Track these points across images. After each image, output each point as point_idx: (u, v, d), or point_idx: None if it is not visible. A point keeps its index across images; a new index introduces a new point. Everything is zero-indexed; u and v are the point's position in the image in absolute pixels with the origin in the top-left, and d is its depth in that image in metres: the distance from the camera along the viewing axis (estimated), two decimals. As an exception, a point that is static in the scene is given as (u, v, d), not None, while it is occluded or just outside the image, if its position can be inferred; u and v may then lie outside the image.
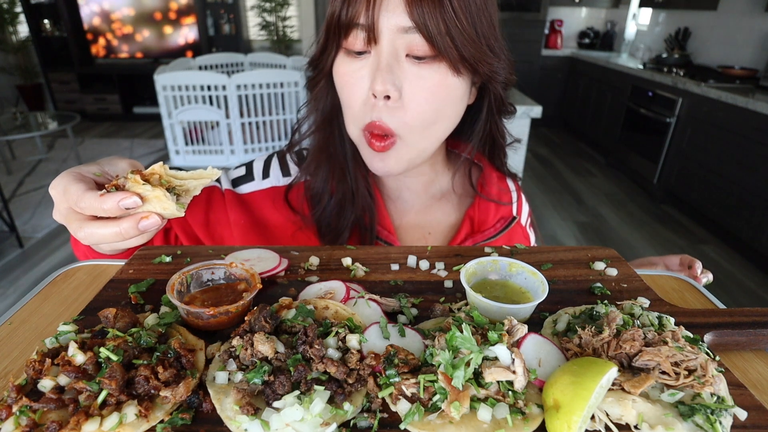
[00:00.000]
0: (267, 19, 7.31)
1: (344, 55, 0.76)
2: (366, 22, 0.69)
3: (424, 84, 0.73)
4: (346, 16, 0.70)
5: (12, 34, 7.16)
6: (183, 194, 0.59)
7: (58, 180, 0.57)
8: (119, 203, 0.52)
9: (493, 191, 0.98)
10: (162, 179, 0.56)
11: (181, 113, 5.05)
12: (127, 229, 0.54)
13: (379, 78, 0.70)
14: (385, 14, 0.68)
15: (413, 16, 0.67)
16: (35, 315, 0.65)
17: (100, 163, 0.62)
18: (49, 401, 0.44)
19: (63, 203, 0.56)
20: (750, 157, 3.70)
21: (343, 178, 0.89)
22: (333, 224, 0.89)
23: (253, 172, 0.96)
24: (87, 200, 0.53)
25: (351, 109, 0.78)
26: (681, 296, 0.74)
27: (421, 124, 0.76)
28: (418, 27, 0.68)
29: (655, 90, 4.91)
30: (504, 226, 0.97)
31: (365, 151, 0.81)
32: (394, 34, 0.70)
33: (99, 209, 0.53)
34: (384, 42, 0.71)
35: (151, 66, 6.97)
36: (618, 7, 7.15)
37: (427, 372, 0.49)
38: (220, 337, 0.57)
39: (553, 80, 7.35)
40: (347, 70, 0.76)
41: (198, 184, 0.60)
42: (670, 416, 0.45)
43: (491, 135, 0.93)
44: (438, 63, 0.72)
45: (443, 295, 0.68)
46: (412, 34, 0.69)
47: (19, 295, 3.27)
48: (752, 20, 4.58)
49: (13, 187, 5.00)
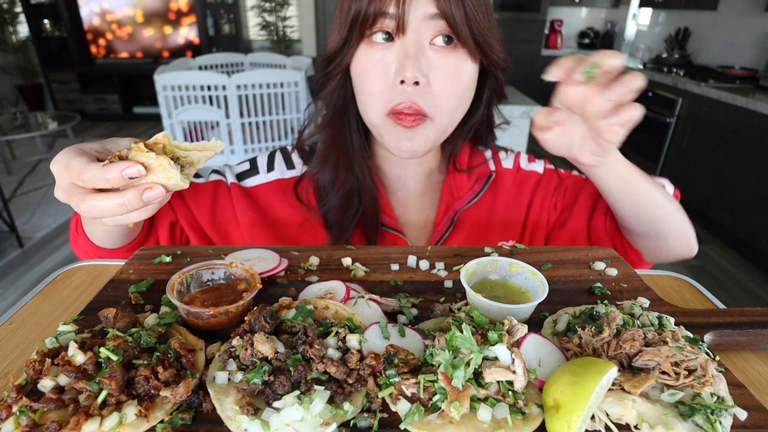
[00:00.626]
0: (267, 19, 7.31)
1: (366, 45, 0.79)
2: (395, 12, 0.73)
3: (447, 70, 0.78)
4: (377, 6, 0.74)
5: (12, 34, 7.16)
6: (187, 166, 0.57)
7: (59, 156, 0.56)
8: (122, 172, 0.51)
9: (464, 159, 1.00)
10: (166, 149, 0.55)
11: (181, 113, 5.05)
12: (131, 200, 0.52)
13: (409, 65, 0.74)
14: (414, 3, 0.73)
15: (439, 5, 0.73)
16: (35, 315, 0.65)
17: (102, 141, 0.61)
18: (49, 401, 0.44)
19: (65, 178, 0.55)
20: (750, 157, 3.70)
21: (350, 171, 0.91)
22: (339, 216, 0.92)
23: (258, 166, 0.99)
24: (89, 172, 0.52)
25: (373, 96, 0.81)
26: (681, 296, 0.74)
27: (449, 107, 0.81)
28: (444, 15, 0.73)
29: (655, 90, 4.91)
30: (482, 186, 0.99)
31: (391, 132, 0.82)
32: (420, 21, 0.74)
33: (102, 180, 0.52)
34: (411, 30, 0.75)
35: (151, 66, 6.96)
36: (618, 7, 7.14)
37: (427, 372, 0.49)
38: (220, 337, 0.57)
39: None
40: (371, 59, 0.78)
41: (202, 156, 0.58)
42: (670, 416, 0.45)
43: (487, 118, 0.96)
44: (459, 50, 0.78)
45: (443, 295, 0.68)
46: (436, 21, 0.74)
47: (19, 295, 3.27)
48: (752, 20, 4.58)
49: (13, 187, 4.99)
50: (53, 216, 4.36)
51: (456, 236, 0.96)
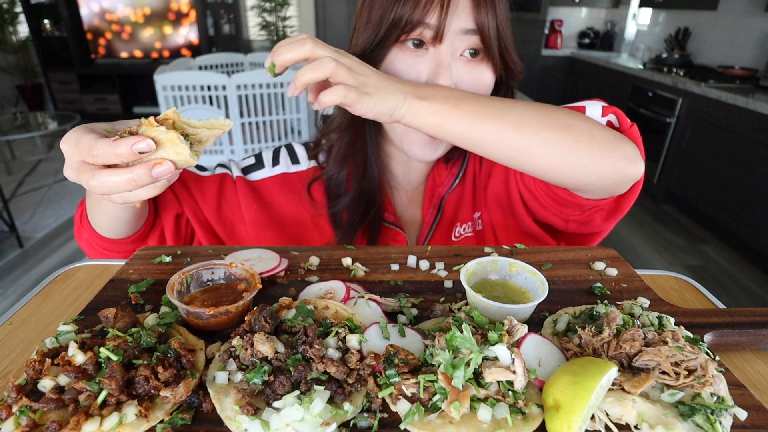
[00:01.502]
0: (267, 19, 7.31)
1: (398, 50, 0.80)
2: (436, 23, 0.76)
3: (473, 81, 0.82)
4: (418, 15, 0.76)
5: (12, 34, 7.16)
6: (195, 144, 0.58)
7: (69, 134, 0.56)
8: (132, 147, 0.51)
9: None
10: (175, 125, 0.55)
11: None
12: (140, 175, 0.53)
13: (444, 74, 0.78)
14: (454, 17, 0.76)
15: (477, 21, 0.76)
16: (35, 315, 0.65)
17: (112, 123, 0.61)
18: (49, 401, 0.44)
19: (75, 156, 0.55)
20: (750, 157, 3.70)
21: (365, 174, 0.94)
22: (350, 215, 0.93)
23: (263, 160, 1.01)
24: (100, 147, 0.52)
25: None
26: (681, 296, 0.74)
27: None
28: (480, 30, 0.77)
29: (655, 90, 4.91)
30: (459, 168, 1.00)
31: (414, 138, 0.85)
32: (456, 34, 0.77)
33: (112, 154, 0.52)
34: (447, 41, 0.78)
35: (151, 66, 6.97)
36: (618, 7, 7.14)
37: (427, 372, 0.49)
38: (220, 337, 0.57)
39: (553, 80, 7.34)
40: (404, 64, 0.80)
41: (211, 135, 0.58)
42: (670, 416, 0.45)
43: None
44: (485, 62, 0.82)
45: (443, 295, 0.68)
46: (470, 36, 0.78)
47: (19, 295, 3.27)
48: (752, 20, 4.58)
49: (13, 187, 4.99)
50: (53, 216, 4.36)
51: (444, 222, 0.99)
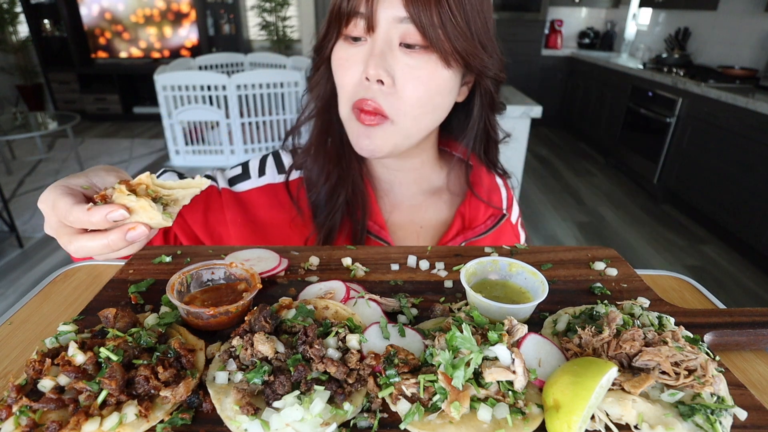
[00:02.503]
0: (267, 19, 7.31)
1: (342, 41, 0.81)
2: (366, 11, 0.75)
3: (415, 73, 0.77)
4: (348, 5, 0.76)
5: (12, 34, 7.16)
6: (171, 204, 0.59)
7: (46, 194, 0.57)
8: (107, 216, 0.53)
9: (483, 189, 1.01)
10: (149, 189, 0.56)
11: (181, 113, 5.05)
12: (115, 240, 0.55)
13: (372, 63, 0.75)
14: (383, 4, 0.74)
15: (408, 8, 0.73)
16: (35, 315, 0.65)
17: (88, 174, 0.62)
18: (49, 401, 0.44)
19: (52, 217, 0.57)
20: (750, 157, 3.70)
21: (338, 162, 0.92)
22: (326, 206, 0.92)
23: (249, 171, 0.99)
24: (75, 214, 0.54)
25: (344, 89, 0.83)
26: (681, 296, 0.74)
27: (412, 110, 0.80)
28: (412, 18, 0.73)
29: (655, 90, 4.91)
30: (494, 222, 1.00)
31: (353, 128, 0.84)
32: (389, 23, 0.75)
33: (87, 222, 0.53)
34: (380, 30, 0.76)
35: (151, 66, 6.96)
36: (618, 7, 7.15)
37: (427, 372, 0.49)
38: (220, 337, 0.57)
39: (553, 80, 7.34)
40: (344, 55, 0.81)
41: (186, 194, 0.59)
42: (670, 416, 0.45)
43: (485, 131, 0.96)
44: (429, 54, 0.77)
45: (443, 295, 0.68)
46: (406, 24, 0.74)
47: (19, 295, 3.27)
48: (752, 20, 4.58)
49: (13, 187, 4.99)
50: (53, 216, 4.35)
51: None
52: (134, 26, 7.27)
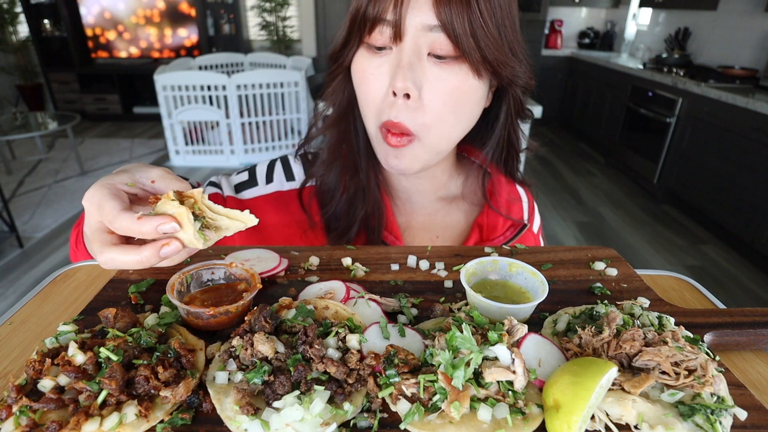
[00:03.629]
0: (267, 19, 7.30)
1: (365, 50, 0.75)
2: (393, 18, 0.69)
3: (443, 85, 0.72)
4: (373, 11, 0.70)
5: (12, 34, 7.16)
6: (213, 229, 0.56)
7: (92, 192, 0.54)
8: (157, 228, 0.50)
9: (502, 199, 0.96)
10: (195, 204, 0.54)
11: (181, 113, 5.05)
12: (149, 257, 0.52)
13: (400, 75, 0.70)
14: (413, 11, 0.68)
15: (440, 15, 0.67)
16: (35, 315, 0.65)
17: (131, 170, 0.59)
18: (49, 401, 0.44)
19: (95, 216, 0.54)
20: (750, 157, 3.70)
21: (355, 173, 0.88)
22: (342, 219, 0.88)
23: (257, 177, 0.95)
24: (123, 221, 0.51)
25: (369, 105, 0.78)
26: (681, 296, 0.74)
27: (439, 124, 0.76)
28: (444, 26, 0.68)
29: (655, 90, 4.91)
30: (514, 234, 0.95)
31: (381, 147, 0.80)
32: (418, 31, 0.69)
33: (136, 232, 0.51)
34: (408, 39, 0.70)
35: (151, 66, 6.96)
36: (618, 7, 7.14)
37: (427, 372, 0.49)
38: (220, 337, 0.57)
39: (553, 80, 7.34)
40: (367, 65, 0.75)
41: (231, 225, 0.56)
42: (670, 416, 0.45)
43: (508, 140, 0.92)
44: (460, 64, 0.72)
45: (443, 295, 0.68)
46: (436, 33, 0.69)
47: (19, 295, 3.27)
48: (752, 20, 4.58)
49: (13, 187, 4.99)
50: (53, 216, 4.36)
51: None
52: (134, 26, 7.27)
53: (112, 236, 0.55)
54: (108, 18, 7.16)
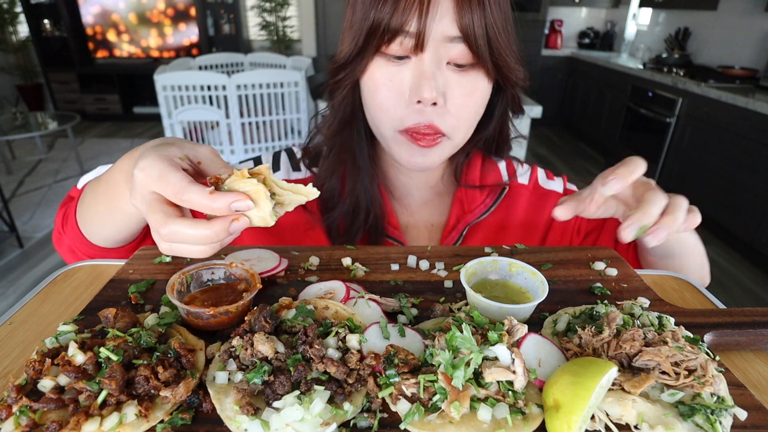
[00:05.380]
0: (267, 19, 7.31)
1: (382, 59, 0.75)
2: (416, 30, 0.70)
3: (463, 90, 0.76)
4: (396, 22, 0.70)
5: (12, 34, 7.16)
6: (277, 206, 0.55)
7: (149, 162, 0.51)
8: (231, 204, 0.49)
9: (475, 174, 0.98)
10: (266, 181, 0.53)
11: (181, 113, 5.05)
12: (219, 232, 0.50)
13: (427, 86, 0.72)
14: (434, 23, 0.70)
15: (462, 26, 0.70)
16: (35, 315, 0.65)
17: (178, 144, 0.56)
18: (49, 401, 0.44)
19: (152, 187, 0.51)
20: (750, 157, 3.70)
21: (358, 179, 0.90)
22: (347, 227, 0.90)
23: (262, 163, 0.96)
24: (193, 195, 0.49)
25: (384, 112, 0.78)
26: (681, 296, 0.74)
27: (466, 125, 0.81)
28: (466, 38, 0.71)
29: (655, 90, 4.91)
30: (495, 199, 0.97)
31: (403, 148, 0.81)
32: (439, 42, 0.71)
33: (207, 207, 0.49)
34: (429, 50, 0.72)
35: (151, 66, 6.96)
36: (618, 7, 7.15)
37: (427, 372, 0.49)
38: (220, 337, 0.57)
39: (553, 80, 7.34)
40: (385, 73, 0.76)
41: (294, 200, 0.56)
42: (670, 416, 0.45)
43: (500, 131, 0.95)
44: (477, 70, 0.76)
45: (443, 295, 0.68)
46: (456, 43, 0.72)
47: (19, 295, 3.27)
48: (752, 20, 4.58)
49: (13, 187, 4.99)
50: (53, 216, 4.36)
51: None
52: (134, 26, 7.27)
53: (174, 208, 0.52)
54: (108, 18, 7.16)
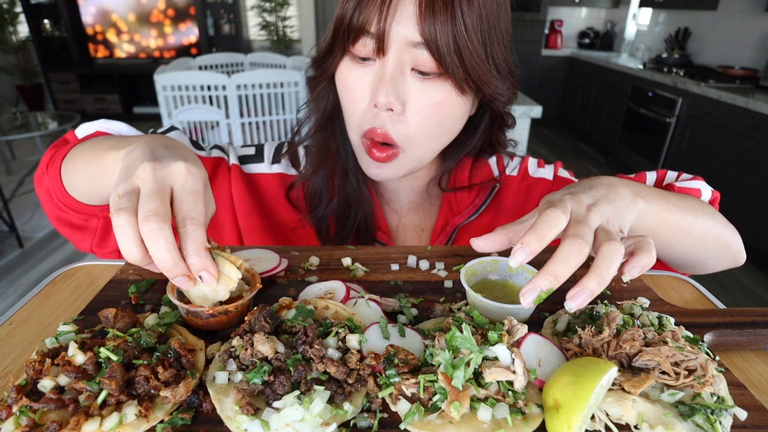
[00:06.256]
0: (267, 19, 7.31)
1: (349, 59, 0.74)
2: (377, 31, 0.67)
3: (427, 100, 0.72)
4: (357, 21, 0.68)
5: (12, 34, 7.16)
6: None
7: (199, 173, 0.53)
8: (202, 272, 0.50)
9: (464, 175, 0.95)
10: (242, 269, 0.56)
11: (181, 113, 5.04)
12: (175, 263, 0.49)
13: (383, 90, 0.69)
14: (396, 26, 0.67)
15: (424, 32, 0.65)
16: (35, 315, 0.65)
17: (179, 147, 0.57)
18: (49, 401, 0.44)
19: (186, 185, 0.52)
20: (750, 157, 3.70)
21: (345, 178, 0.89)
22: (338, 225, 0.89)
23: (263, 154, 0.96)
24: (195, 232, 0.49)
25: (352, 115, 0.78)
26: (681, 296, 0.74)
27: (422, 137, 0.76)
28: (428, 43, 0.66)
29: (655, 90, 4.91)
30: (484, 199, 0.94)
31: (364, 159, 0.81)
32: (402, 47, 0.68)
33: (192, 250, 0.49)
34: (391, 54, 0.69)
35: (151, 66, 6.97)
36: (618, 7, 7.15)
37: (427, 372, 0.49)
38: (220, 337, 0.57)
39: (553, 80, 7.34)
40: (350, 75, 0.74)
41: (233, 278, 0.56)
42: (670, 416, 0.45)
43: (490, 143, 0.93)
44: (443, 81, 0.71)
45: (443, 295, 0.68)
46: (420, 50, 0.68)
47: (19, 295, 3.27)
48: (752, 20, 4.58)
49: (13, 187, 4.99)
50: (53, 216, 4.35)
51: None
52: (134, 26, 7.27)
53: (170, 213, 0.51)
54: (108, 18, 7.16)
